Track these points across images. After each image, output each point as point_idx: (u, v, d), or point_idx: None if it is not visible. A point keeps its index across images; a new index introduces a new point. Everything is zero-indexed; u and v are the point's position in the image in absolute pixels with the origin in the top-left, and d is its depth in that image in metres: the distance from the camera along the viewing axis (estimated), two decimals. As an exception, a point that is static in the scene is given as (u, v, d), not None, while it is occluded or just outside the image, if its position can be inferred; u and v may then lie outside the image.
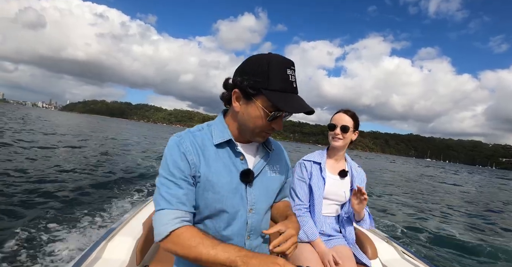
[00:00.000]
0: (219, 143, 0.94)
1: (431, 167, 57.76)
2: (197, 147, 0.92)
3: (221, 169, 0.92)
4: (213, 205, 0.90)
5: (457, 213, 8.20)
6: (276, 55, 0.88)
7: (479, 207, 10.05)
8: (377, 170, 23.98)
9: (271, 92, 0.84)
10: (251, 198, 0.95)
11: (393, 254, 1.84)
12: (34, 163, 7.71)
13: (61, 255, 3.02)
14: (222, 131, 0.96)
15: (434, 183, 18.41)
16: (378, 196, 9.56)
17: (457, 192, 14.50)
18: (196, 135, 0.95)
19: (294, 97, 0.86)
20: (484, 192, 16.65)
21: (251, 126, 0.91)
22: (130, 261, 1.46)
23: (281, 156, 1.12)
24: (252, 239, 0.97)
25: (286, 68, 0.84)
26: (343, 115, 1.64)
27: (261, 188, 0.98)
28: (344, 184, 1.68)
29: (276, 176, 1.05)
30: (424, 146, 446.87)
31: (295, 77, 0.86)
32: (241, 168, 0.95)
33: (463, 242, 5.24)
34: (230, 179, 0.92)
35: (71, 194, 5.25)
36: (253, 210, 0.96)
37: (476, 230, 6.40)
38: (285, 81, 0.84)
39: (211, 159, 0.92)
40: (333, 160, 1.73)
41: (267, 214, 1.05)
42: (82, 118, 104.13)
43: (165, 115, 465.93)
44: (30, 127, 19.77)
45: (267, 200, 1.01)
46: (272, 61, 0.85)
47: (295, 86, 0.86)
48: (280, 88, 0.84)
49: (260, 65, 0.85)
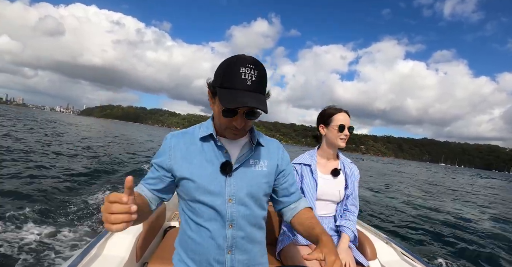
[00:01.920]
0: (203, 137, 1.04)
1: (440, 172, 55.93)
2: (185, 143, 1.04)
3: (203, 162, 1.01)
4: (193, 193, 0.99)
5: (457, 214, 8.11)
6: (238, 56, 0.91)
7: (481, 209, 9.85)
8: (378, 172, 24.16)
9: (221, 89, 0.89)
10: (230, 189, 1.00)
11: (392, 255, 1.83)
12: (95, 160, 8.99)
13: (61, 252, 3.05)
14: (207, 127, 1.06)
15: (437, 185, 18.18)
16: (378, 197, 9.40)
17: (458, 193, 14.18)
18: (187, 132, 1.08)
19: (243, 94, 0.86)
20: (489, 194, 16.30)
21: (218, 122, 1.00)
22: (130, 258, 1.47)
23: (274, 152, 1.14)
24: (235, 229, 1.01)
25: (240, 67, 0.86)
26: (346, 115, 1.64)
27: (243, 180, 1.02)
28: (338, 183, 1.67)
29: (262, 170, 1.07)
30: (438, 151, 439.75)
31: (252, 74, 0.87)
32: (222, 160, 1.01)
33: (463, 243, 5.23)
34: (212, 170, 1.00)
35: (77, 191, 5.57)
36: (233, 200, 1.00)
37: (476, 230, 6.34)
38: (236, 79, 0.86)
39: (196, 152, 1.03)
40: (325, 159, 1.72)
41: (257, 207, 1.06)
42: (106, 123, 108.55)
43: (179, 119, 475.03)
44: (75, 131, 23.26)
45: (249, 191, 1.03)
46: (229, 61, 0.90)
47: (250, 83, 0.87)
48: (230, 85, 0.87)
49: (221, 66, 0.92)
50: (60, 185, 5.72)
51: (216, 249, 0.99)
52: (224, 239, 1.00)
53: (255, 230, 1.07)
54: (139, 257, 1.57)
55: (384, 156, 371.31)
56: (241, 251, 1.02)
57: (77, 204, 4.68)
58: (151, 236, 1.77)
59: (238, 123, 0.94)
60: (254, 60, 0.90)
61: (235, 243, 1.01)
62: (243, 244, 1.02)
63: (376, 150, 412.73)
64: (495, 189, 22.03)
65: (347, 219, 1.66)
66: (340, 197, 1.67)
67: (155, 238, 1.85)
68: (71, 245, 3.24)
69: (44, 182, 5.82)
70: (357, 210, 1.71)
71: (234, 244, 1.01)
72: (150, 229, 1.70)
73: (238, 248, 1.02)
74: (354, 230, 1.65)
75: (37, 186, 5.39)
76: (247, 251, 1.04)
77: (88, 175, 7.03)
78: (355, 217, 1.70)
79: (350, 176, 1.69)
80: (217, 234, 0.99)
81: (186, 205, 1.05)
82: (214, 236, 1.00)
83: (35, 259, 2.86)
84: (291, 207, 1.17)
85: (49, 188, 5.35)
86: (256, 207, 1.06)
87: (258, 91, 0.89)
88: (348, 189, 1.68)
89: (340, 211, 1.69)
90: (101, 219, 2.48)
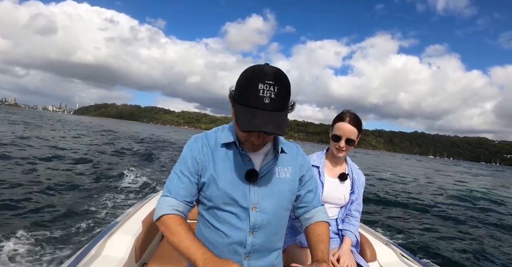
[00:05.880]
0: (226, 143, 1.03)
1: (422, 161, 58.93)
2: (208, 147, 1.04)
3: (227, 168, 1.01)
4: (217, 198, 1.00)
5: (456, 213, 7.83)
6: (259, 68, 0.88)
7: (479, 207, 9.30)
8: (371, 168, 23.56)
9: (239, 105, 0.89)
10: (254, 196, 1.00)
11: (391, 257, 1.84)
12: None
13: (60, 251, 3.02)
14: (229, 134, 1.04)
15: (431, 180, 17.73)
16: (377, 197, 9.14)
17: (450, 191, 13.03)
18: (210, 137, 1.07)
19: (259, 114, 0.85)
20: (483, 188, 15.61)
21: (237, 133, 1.01)
22: (129, 259, 1.47)
23: (296, 158, 1.14)
24: (256, 237, 1.01)
25: (259, 83, 0.84)
26: (348, 125, 1.55)
27: (267, 188, 1.03)
28: (344, 188, 1.67)
29: (286, 178, 1.07)
30: (428, 144, 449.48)
31: (272, 91, 0.84)
32: (246, 168, 1.01)
33: (463, 243, 5.14)
34: (235, 177, 1.00)
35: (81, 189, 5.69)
36: (257, 208, 1.00)
37: (476, 231, 6.18)
38: (253, 96, 0.85)
39: (220, 158, 1.02)
40: (333, 163, 1.70)
41: (280, 216, 1.07)
42: (104, 121, 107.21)
43: (173, 117, 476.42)
44: (87, 129, 25.29)
45: (274, 200, 1.03)
46: (249, 73, 0.88)
47: (268, 102, 0.84)
48: (247, 103, 0.86)
49: (241, 77, 0.91)
50: (60, 185, 5.71)
51: (233, 255, 1.00)
52: (244, 246, 1.00)
53: (276, 238, 1.08)
54: (139, 257, 1.58)
55: (375, 150, 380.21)
56: (258, 257, 1.03)
57: (77, 203, 4.69)
58: (151, 236, 1.80)
59: (255, 139, 0.95)
60: (276, 74, 0.86)
61: (254, 250, 1.01)
62: (262, 250, 1.03)
63: (367, 144, 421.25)
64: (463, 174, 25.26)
65: (350, 224, 1.66)
66: (345, 201, 1.67)
67: (154, 238, 1.89)
68: (71, 245, 3.19)
69: (44, 182, 5.80)
70: (360, 215, 1.72)
71: (253, 250, 1.01)
72: (149, 230, 1.70)
73: (256, 254, 1.02)
74: (357, 235, 1.66)
75: (37, 186, 5.37)
76: (265, 256, 1.05)
77: (87, 175, 7.01)
78: (358, 222, 1.70)
79: (357, 182, 1.69)
80: (236, 241, 1.00)
81: (206, 210, 1.06)
82: (233, 242, 1.00)
83: (35, 259, 2.82)
84: (306, 216, 1.17)
85: (49, 188, 5.35)
86: (279, 216, 1.06)
87: (277, 109, 0.87)
88: (353, 194, 1.68)
89: (342, 215, 1.70)
90: (101, 219, 4.16)
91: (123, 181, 6.97)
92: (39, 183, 5.75)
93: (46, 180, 6.05)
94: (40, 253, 2.98)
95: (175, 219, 0.97)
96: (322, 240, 1.07)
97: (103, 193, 5.64)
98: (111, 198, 5.32)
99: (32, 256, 2.90)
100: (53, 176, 6.54)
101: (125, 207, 4.68)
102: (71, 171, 7.32)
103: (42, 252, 3.01)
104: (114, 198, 5.40)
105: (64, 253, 3.03)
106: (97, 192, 5.69)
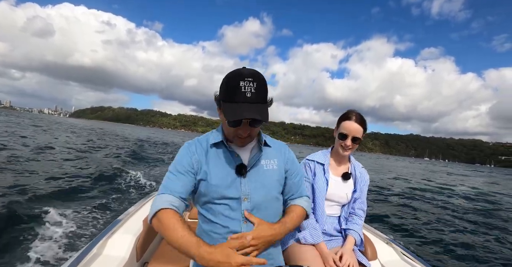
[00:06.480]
0: (215, 143, 1.15)
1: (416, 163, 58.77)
2: (202, 148, 1.16)
3: (218, 164, 1.13)
4: (211, 193, 1.09)
5: (456, 213, 7.82)
6: (238, 70, 1.03)
7: (480, 206, 9.30)
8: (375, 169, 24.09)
9: (224, 103, 1.02)
10: (245, 188, 1.10)
11: (392, 255, 1.85)
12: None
13: (61, 251, 3.04)
14: (218, 135, 1.17)
15: (428, 181, 17.82)
16: (377, 197, 9.21)
17: (452, 191, 13.17)
18: (201, 140, 1.19)
19: (244, 106, 0.97)
20: (484, 190, 15.54)
21: (226, 131, 1.13)
22: (130, 258, 1.48)
23: (281, 152, 1.24)
24: (249, 224, 1.09)
25: (239, 81, 0.97)
26: (354, 124, 1.59)
27: (257, 180, 1.13)
28: (347, 186, 1.68)
29: (273, 169, 1.18)
30: (424, 146, 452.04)
31: (252, 87, 0.97)
32: (236, 163, 1.13)
33: (463, 243, 5.07)
34: (227, 172, 1.11)
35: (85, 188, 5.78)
36: (248, 199, 1.10)
37: (476, 231, 6.10)
38: (236, 92, 0.97)
39: (212, 156, 1.14)
40: (337, 161, 1.72)
41: (270, 204, 1.15)
42: (101, 124, 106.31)
43: (170, 120, 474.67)
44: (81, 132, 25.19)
45: (264, 190, 1.13)
46: (229, 75, 1.02)
47: (250, 95, 0.97)
48: (232, 99, 0.99)
49: (223, 81, 1.04)
50: (60, 185, 5.80)
51: None
52: None
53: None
54: (140, 256, 1.59)
55: (370, 152, 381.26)
56: None
57: (78, 204, 4.71)
58: (152, 235, 1.81)
59: (243, 131, 1.06)
60: (253, 72, 1.00)
61: None
62: None
63: (362, 146, 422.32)
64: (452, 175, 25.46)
65: (354, 223, 1.67)
66: (347, 199, 1.68)
67: (155, 238, 1.90)
68: (71, 245, 3.21)
69: (44, 181, 5.89)
70: (364, 214, 1.72)
71: None
72: (150, 229, 1.69)
73: None
74: (360, 234, 1.65)
75: (37, 186, 5.44)
76: None
77: (87, 175, 7.08)
78: (362, 221, 1.70)
79: (360, 180, 1.70)
80: (232, 230, 1.08)
81: (202, 206, 1.15)
82: (229, 232, 1.08)
83: (35, 259, 2.84)
84: (290, 203, 1.28)
85: (49, 187, 5.43)
86: (270, 205, 1.15)
87: (258, 101, 1.00)
88: (356, 193, 1.69)
89: (345, 213, 1.71)
90: (100, 219, 4.23)
91: (123, 181, 7.05)
92: (39, 183, 5.78)
93: (46, 180, 6.08)
94: (40, 253, 2.99)
95: (173, 213, 1.01)
96: (286, 212, 1.21)
97: (103, 193, 5.73)
98: (111, 198, 5.39)
99: (33, 257, 2.90)
100: (53, 175, 6.57)
101: (126, 207, 4.74)
102: (71, 171, 7.35)
103: (42, 252, 3.03)
104: (114, 198, 5.46)
105: (65, 253, 3.05)
106: (97, 192, 5.77)
